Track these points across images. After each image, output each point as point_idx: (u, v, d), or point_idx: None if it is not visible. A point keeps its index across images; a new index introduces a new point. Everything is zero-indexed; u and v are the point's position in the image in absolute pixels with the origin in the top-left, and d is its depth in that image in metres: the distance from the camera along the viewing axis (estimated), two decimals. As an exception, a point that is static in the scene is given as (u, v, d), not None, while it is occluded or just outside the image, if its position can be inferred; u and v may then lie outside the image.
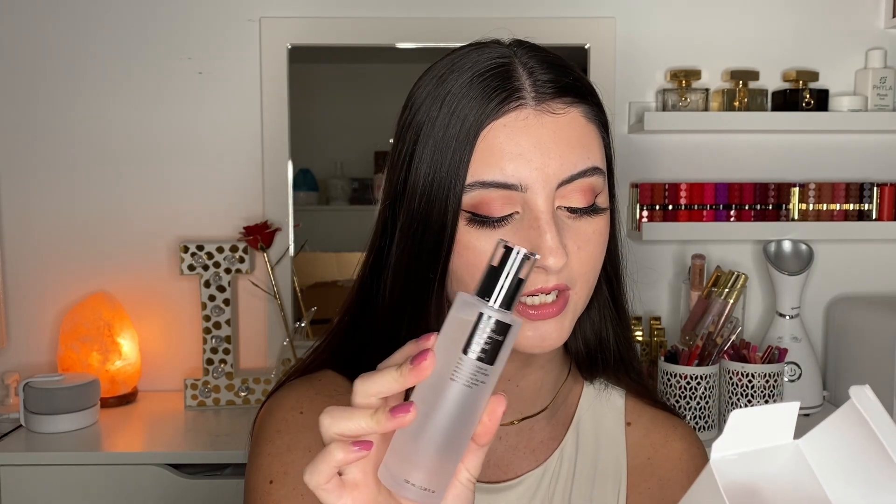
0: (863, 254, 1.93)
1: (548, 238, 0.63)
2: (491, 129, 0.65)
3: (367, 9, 1.87)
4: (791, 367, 1.72)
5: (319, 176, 2.18)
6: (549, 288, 0.65)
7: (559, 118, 0.66)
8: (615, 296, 0.78)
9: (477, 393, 0.50)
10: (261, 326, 1.91)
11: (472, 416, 0.51)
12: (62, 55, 1.85)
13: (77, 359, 1.76)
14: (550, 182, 0.64)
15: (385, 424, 0.50)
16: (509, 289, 0.50)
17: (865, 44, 1.88)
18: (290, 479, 0.71)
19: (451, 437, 0.51)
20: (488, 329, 0.50)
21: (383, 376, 0.51)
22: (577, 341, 0.79)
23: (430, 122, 0.67)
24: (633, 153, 1.90)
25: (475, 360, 0.50)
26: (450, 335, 0.51)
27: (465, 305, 0.51)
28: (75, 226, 1.88)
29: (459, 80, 0.67)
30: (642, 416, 0.82)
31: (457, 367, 0.50)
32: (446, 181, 0.65)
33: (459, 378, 0.50)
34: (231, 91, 1.88)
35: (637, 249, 1.89)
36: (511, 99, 0.65)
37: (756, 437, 0.45)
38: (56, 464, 1.52)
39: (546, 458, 0.78)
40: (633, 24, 1.88)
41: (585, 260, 0.67)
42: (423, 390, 0.51)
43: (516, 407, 0.78)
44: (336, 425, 0.51)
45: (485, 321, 0.50)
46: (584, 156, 0.66)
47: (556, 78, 0.67)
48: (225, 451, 1.54)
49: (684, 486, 0.79)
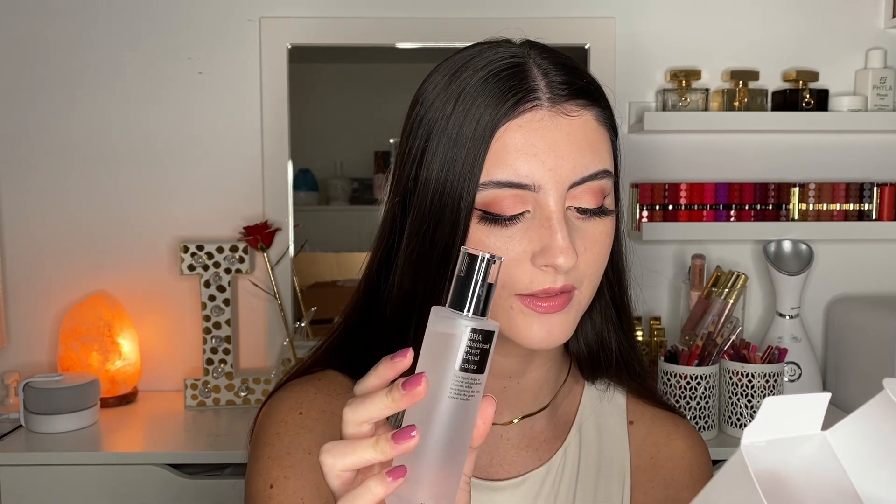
0: (863, 254, 1.93)
1: (559, 238, 0.63)
2: (507, 129, 0.65)
3: (367, 9, 1.87)
4: (791, 367, 1.72)
5: (319, 176, 2.18)
6: (556, 289, 0.65)
7: (573, 120, 0.66)
8: (617, 299, 0.78)
9: (471, 403, 0.51)
10: (261, 326, 1.91)
11: (469, 426, 0.52)
12: (62, 55, 1.85)
13: (77, 359, 1.76)
14: (563, 183, 0.65)
15: (390, 453, 0.50)
16: (481, 296, 0.51)
17: (865, 44, 1.88)
18: (291, 483, 0.71)
19: (452, 450, 0.51)
20: (474, 341, 0.50)
21: (373, 402, 0.51)
22: (578, 342, 0.79)
23: (443, 119, 0.67)
24: (633, 153, 1.90)
25: (466, 374, 0.50)
26: (432, 350, 0.51)
27: (443, 320, 0.51)
28: (75, 226, 1.88)
29: (474, 78, 0.67)
30: (644, 414, 0.82)
31: (449, 384, 0.50)
32: (460, 179, 0.65)
33: (454, 393, 0.51)
34: (231, 91, 1.88)
35: (637, 249, 1.89)
36: (527, 100, 0.65)
37: (786, 425, 0.45)
38: (56, 464, 1.52)
39: (549, 457, 0.78)
40: (633, 24, 1.88)
41: (592, 261, 0.67)
42: (416, 409, 0.51)
43: (517, 405, 0.78)
44: (341, 462, 0.51)
45: (470, 334, 0.50)
46: (595, 159, 0.66)
47: (570, 80, 0.67)
48: (225, 451, 1.54)
49: (688, 484, 0.79)
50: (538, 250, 0.64)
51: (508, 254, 0.65)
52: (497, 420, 0.78)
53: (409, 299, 0.71)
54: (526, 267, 0.65)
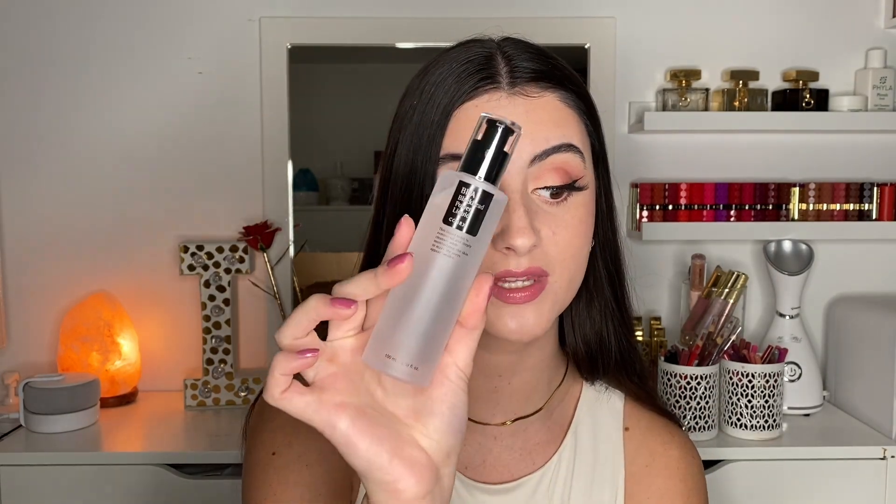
0: (863, 254, 1.93)
1: (515, 218, 0.62)
2: (463, 108, 0.65)
3: (367, 9, 1.87)
4: (791, 367, 1.72)
5: (319, 176, 2.18)
6: (520, 272, 0.64)
7: (532, 100, 0.66)
8: (618, 295, 0.77)
9: (460, 265, 0.48)
10: (261, 326, 1.91)
11: (456, 292, 0.49)
12: (62, 55, 1.85)
13: (77, 359, 1.76)
14: (522, 159, 0.64)
15: (383, 280, 0.48)
16: (493, 161, 0.49)
17: (865, 44, 1.88)
18: (294, 449, 0.72)
19: (434, 312, 0.48)
20: (469, 197, 0.48)
21: (359, 279, 0.49)
22: (576, 341, 0.78)
23: (411, 111, 0.68)
24: (633, 153, 1.90)
25: (456, 230, 0.48)
26: (430, 214, 0.49)
27: (448, 181, 0.49)
28: (75, 226, 1.88)
29: (439, 70, 0.68)
30: (640, 421, 0.82)
31: (437, 238, 0.48)
32: (422, 160, 0.66)
33: (440, 248, 0.48)
34: (231, 91, 1.88)
35: (637, 249, 1.89)
36: (486, 82, 0.66)
37: None
38: (56, 464, 1.52)
39: (543, 461, 0.78)
40: (633, 24, 1.88)
41: (564, 246, 0.66)
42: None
43: (510, 406, 0.77)
44: (339, 291, 0.49)
45: (466, 190, 0.48)
46: (557, 133, 0.66)
47: (533, 66, 0.67)
48: (225, 451, 1.54)
49: (682, 492, 0.79)
50: (498, 233, 0.63)
51: None
52: (489, 421, 0.77)
53: None
54: (488, 249, 0.65)
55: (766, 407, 1.55)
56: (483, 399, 0.77)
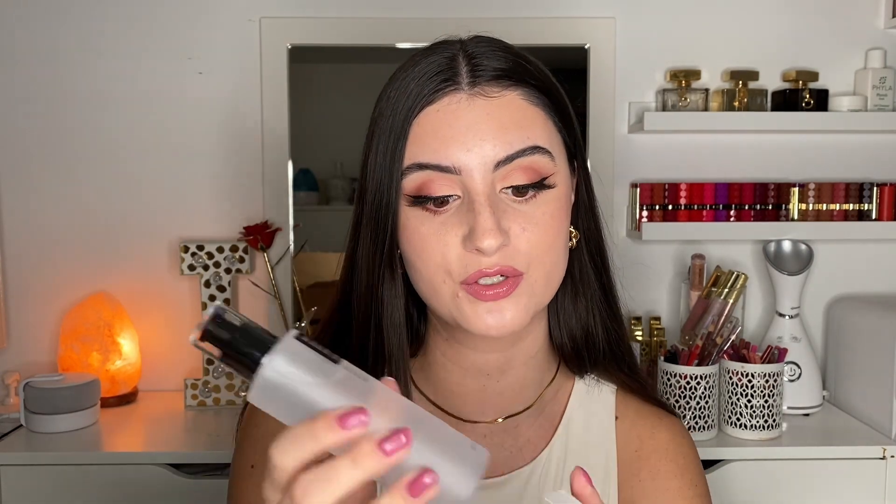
0: (863, 254, 1.93)
1: (481, 219, 0.63)
2: (425, 113, 0.66)
3: (367, 9, 1.87)
4: (791, 367, 1.72)
5: (319, 176, 2.18)
6: (492, 272, 0.65)
7: (493, 101, 0.66)
8: (605, 287, 0.78)
9: (361, 388, 0.48)
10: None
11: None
12: (62, 55, 1.85)
13: (77, 359, 1.76)
14: (486, 164, 0.65)
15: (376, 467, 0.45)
16: (253, 334, 0.49)
17: (865, 44, 1.88)
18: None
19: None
20: (301, 345, 0.48)
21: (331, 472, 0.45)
22: (562, 336, 0.78)
23: (379, 117, 0.70)
24: (633, 153, 1.90)
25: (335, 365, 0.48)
26: (304, 391, 0.47)
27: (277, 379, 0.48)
28: (75, 226, 1.88)
29: (403, 74, 0.69)
30: (629, 408, 0.82)
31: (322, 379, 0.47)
32: (387, 167, 0.67)
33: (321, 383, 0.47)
34: (231, 91, 1.88)
35: (637, 249, 1.89)
36: (445, 85, 0.66)
37: None
38: (56, 464, 1.52)
39: (533, 456, 0.78)
40: (633, 24, 1.88)
41: (535, 242, 0.66)
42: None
43: (499, 404, 0.77)
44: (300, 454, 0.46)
45: (296, 345, 0.48)
46: (521, 136, 0.66)
47: (495, 64, 0.68)
48: (225, 451, 1.54)
49: (675, 472, 0.78)
50: (467, 233, 0.64)
51: (442, 240, 0.66)
52: (480, 419, 0.78)
53: (370, 294, 0.72)
54: (459, 252, 0.65)
55: (765, 407, 1.56)
56: (472, 398, 0.77)
